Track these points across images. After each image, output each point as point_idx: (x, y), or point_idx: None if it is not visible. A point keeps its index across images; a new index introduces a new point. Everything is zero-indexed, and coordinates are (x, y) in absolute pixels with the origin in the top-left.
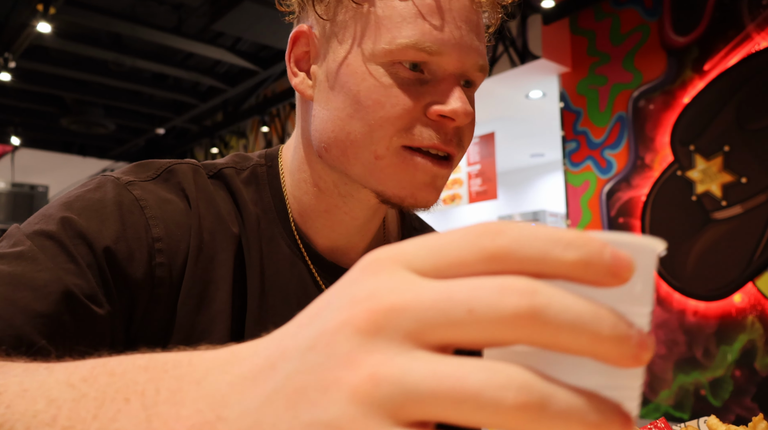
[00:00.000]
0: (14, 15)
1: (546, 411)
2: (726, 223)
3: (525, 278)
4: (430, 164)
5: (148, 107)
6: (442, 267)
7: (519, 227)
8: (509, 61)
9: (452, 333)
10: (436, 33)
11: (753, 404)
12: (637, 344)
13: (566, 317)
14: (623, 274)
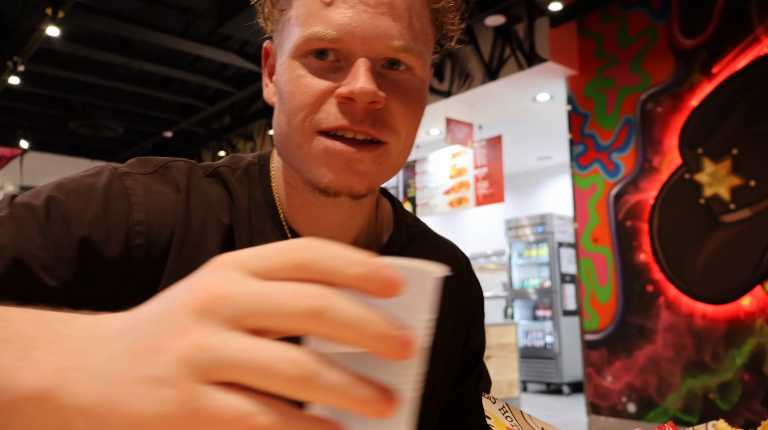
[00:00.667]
0: (23, 19)
1: (314, 382)
2: (734, 226)
3: (318, 286)
4: (341, 146)
5: (156, 110)
6: (264, 271)
7: (323, 246)
8: (516, 64)
9: (261, 321)
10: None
11: (762, 408)
12: (400, 342)
13: (342, 317)
14: (393, 289)
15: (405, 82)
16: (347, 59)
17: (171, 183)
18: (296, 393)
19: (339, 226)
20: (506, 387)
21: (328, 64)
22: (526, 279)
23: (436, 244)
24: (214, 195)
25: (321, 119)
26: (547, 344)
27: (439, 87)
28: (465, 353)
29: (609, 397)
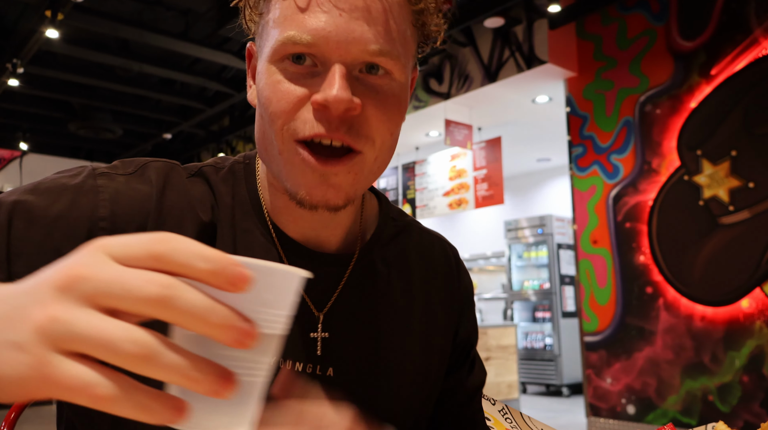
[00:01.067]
0: (23, 21)
1: (153, 360)
2: (733, 228)
3: (168, 276)
4: (315, 162)
5: (156, 112)
6: (126, 258)
7: (179, 242)
8: (515, 66)
9: (114, 302)
10: (311, 25)
11: (761, 410)
12: (241, 332)
13: (187, 306)
14: (241, 284)
15: (383, 87)
16: (324, 64)
17: (146, 181)
18: (137, 369)
19: (324, 225)
20: (506, 389)
21: (305, 68)
22: (526, 281)
23: (422, 236)
24: (196, 193)
25: (298, 128)
26: (547, 345)
27: (438, 89)
28: (455, 342)
29: (608, 399)
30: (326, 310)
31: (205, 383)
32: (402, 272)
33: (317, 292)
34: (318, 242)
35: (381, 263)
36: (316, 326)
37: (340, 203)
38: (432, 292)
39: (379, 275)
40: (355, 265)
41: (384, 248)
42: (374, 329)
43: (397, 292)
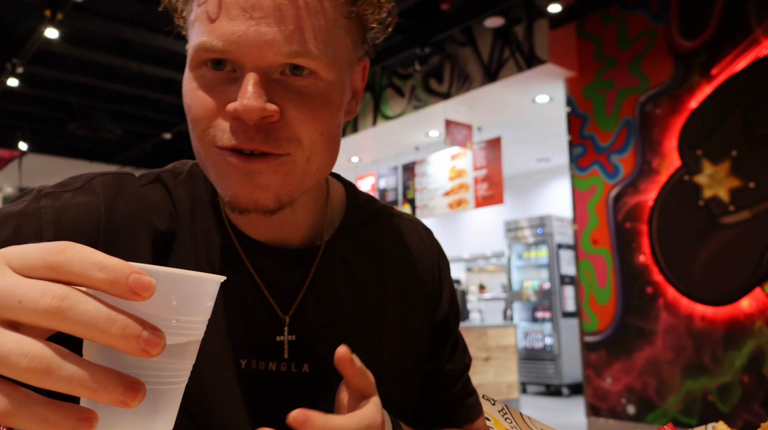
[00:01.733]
0: (22, 21)
1: (51, 374)
2: (733, 228)
3: (64, 286)
4: (236, 160)
5: (155, 112)
6: (23, 268)
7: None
8: (515, 65)
9: (9, 314)
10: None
11: (761, 410)
12: (143, 341)
13: (83, 317)
14: (142, 293)
15: (307, 87)
16: (241, 70)
17: (93, 193)
18: (35, 383)
19: (282, 224)
20: (506, 389)
21: (224, 74)
22: (526, 281)
23: (393, 221)
24: (153, 200)
25: (216, 136)
26: (547, 345)
27: (438, 89)
28: (433, 325)
29: (608, 399)
30: (292, 312)
31: (108, 393)
32: (374, 260)
33: (281, 291)
34: (280, 240)
35: (350, 253)
36: (282, 330)
37: (270, 205)
38: (407, 277)
39: (349, 267)
40: (321, 259)
41: (353, 238)
42: (346, 323)
43: (370, 281)
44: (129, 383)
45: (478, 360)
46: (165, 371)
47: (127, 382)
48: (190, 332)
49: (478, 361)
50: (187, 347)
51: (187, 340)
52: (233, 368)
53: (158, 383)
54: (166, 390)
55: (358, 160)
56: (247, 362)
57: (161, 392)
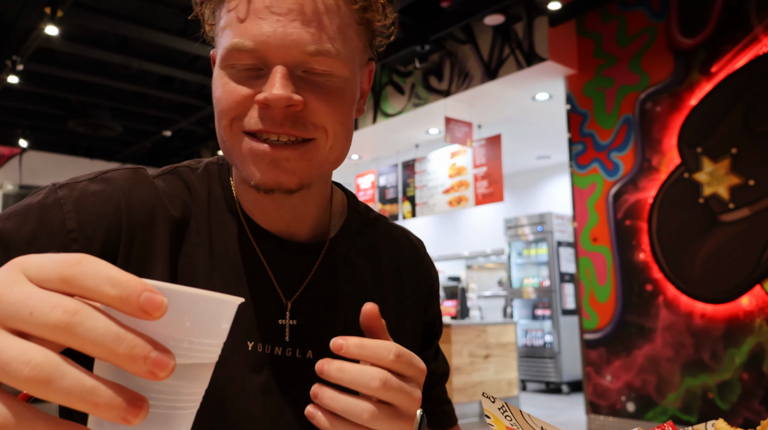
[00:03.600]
0: (22, 18)
1: (52, 385)
2: (733, 225)
3: (76, 301)
4: (266, 147)
5: (155, 110)
6: (39, 278)
7: (91, 265)
8: (515, 63)
9: (19, 325)
10: (251, 31)
11: (761, 407)
12: (151, 363)
13: (91, 334)
14: (153, 312)
15: (326, 83)
16: (267, 67)
17: (108, 182)
18: (35, 393)
19: (293, 216)
20: (505, 386)
21: (251, 72)
22: (526, 278)
23: (389, 230)
24: (168, 189)
25: (245, 122)
26: (547, 343)
27: (438, 86)
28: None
29: (608, 396)
30: (294, 298)
31: (108, 408)
32: (372, 261)
33: (287, 280)
34: (289, 232)
35: (351, 252)
36: (284, 314)
37: (293, 186)
38: (402, 279)
39: (350, 263)
40: (325, 254)
41: (353, 239)
42: (345, 313)
43: (368, 278)
44: (131, 400)
45: (478, 358)
46: (175, 394)
47: (129, 398)
48: (204, 355)
49: (478, 358)
50: (200, 371)
51: (199, 362)
52: (240, 348)
53: (167, 407)
54: (175, 415)
55: (359, 158)
56: (254, 345)
57: (170, 416)
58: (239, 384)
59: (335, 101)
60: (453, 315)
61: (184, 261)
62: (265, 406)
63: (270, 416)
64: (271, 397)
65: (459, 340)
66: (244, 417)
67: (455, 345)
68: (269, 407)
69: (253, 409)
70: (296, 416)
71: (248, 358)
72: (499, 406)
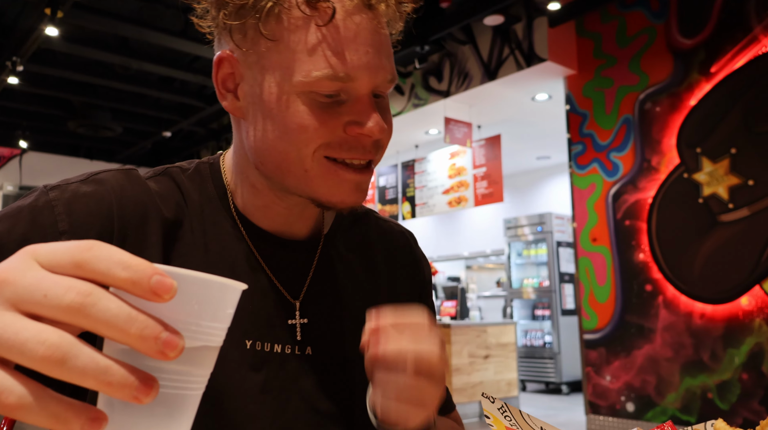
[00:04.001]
0: (22, 19)
1: (66, 364)
2: (733, 225)
3: (88, 283)
4: (352, 174)
5: (155, 110)
6: (52, 264)
7: (102, 250)
8: (515, 63)
9: (34, 308)
10: (345, 63)
11: (760, 407)
12: (162, 343)
13: (104, 315)
14: (163, 294)
15: (383, 104)
16: (350, 95)
17: (100, 183)
18: (50, 372)
19: (298, 217)
20: (505, 386)
21: (333, 99)
22: (525, 278)
23: (379, 223)
24: (160, 190)
25: (333, 150)
26: (546, 343)
27: (437, 87)
28: None
29: (608, 396)
30: (302, 297)
31: (121, 387)
32: (365, 254)
33: (288, 278)
34: (289, 232)
35: (344, 247)
36: (294, 313)
37: (362, 202)
38: (395, 271)
39: (344, 259)
40: (321, 251)
41: (346, 234)
42: (345, 309)
43: (363, 272)
44: (143, 379)
45: (478, 358)
46: (183, 375)
47: (140, 377)
48: (210, 337)
49: (478, 359)
50: (206, 353)
51: (206, 345)
52: (238, 347)
53: (175, 388)
54: (182, 395)
55: None
56: (252, 343)
57: (178, 397)
58: (238, 383)
59: (390, 120)
60: (453, 315)
61: (178, 262)
62: (264, 405)
63: (269, 415)
64: (270, 395)
65: (459, 340)
66: (243, 416)
67: (455, 345)
68: (268, 405)
69: (251, 408)
70: (295, 414)
71: (247, 357)
72: (499, 406)
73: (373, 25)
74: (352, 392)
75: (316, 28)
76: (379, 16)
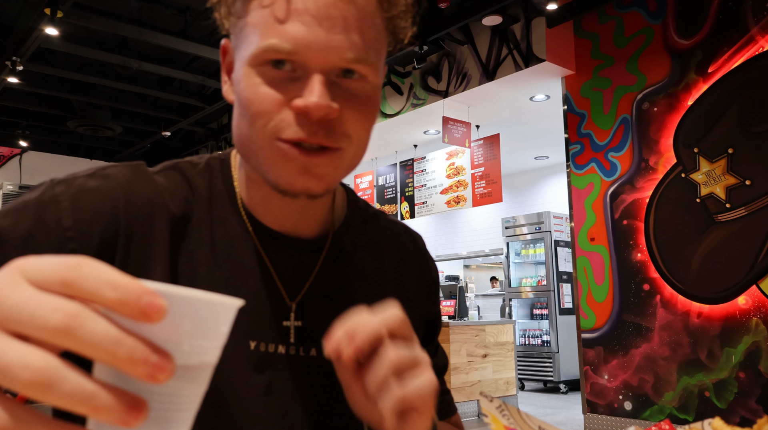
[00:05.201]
0: (22, 19)
1: (53, 388)
2: (730, 225)
3: (76, 304)
4: (297, 153)
5: (155, 110)
6: (39, 281)
7: (91, 268)
8: (513, 64)
9: (20, 328)
10: (292, 34)
11: (757, 406)
12: (151, 366)
13: (91, 338)
14: (153, 315)
15: (358, 90)
16: (303, 70)
17: (106, 180)
18: (36, 396)
19: (300, 215)
20: (503, 385)
21: (284, 73)
22: (524, 278)
23: (389, 225)
24: (169, 185)
25: (280, 128)
26: (544, 342)
27: (436, 87)
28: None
29: (605, 395)
30: (299, 299)
31: (109, 411)
32: (373, 256)
33: (290, 278)
34: (294, 230)
35: (352, 247)
36: (289, 315)
37: (320, 191)
38: (403, 274)
39: (352, 259)
40: (328, 250)
41: (354, 235)
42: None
43: (370, 274)
44: (131, 403)
45: (476, 357)
46: (174, 396)
47: (128, 402)
48: (203, 357)
49: (476, 358)
50: (199, 373)
51: (198, 364)
52: (241, 348)
53: (167, 409)
54: (173, 417)
55: None
56: (256, 344)
57: (170, 418)
58: (241, 385)
59: (365, 109)
60: (451, 315)
61: (185, 259)
62: (268, 406)
63: (272, 417)
64: (273, 397)
65: (457, 339)
66: (246, 418)
67: (453, 344)
68: (271, 407)
69: (255, 410)
70: (299, 416)
71: (250, 358)
72: (497, 405)
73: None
74: None
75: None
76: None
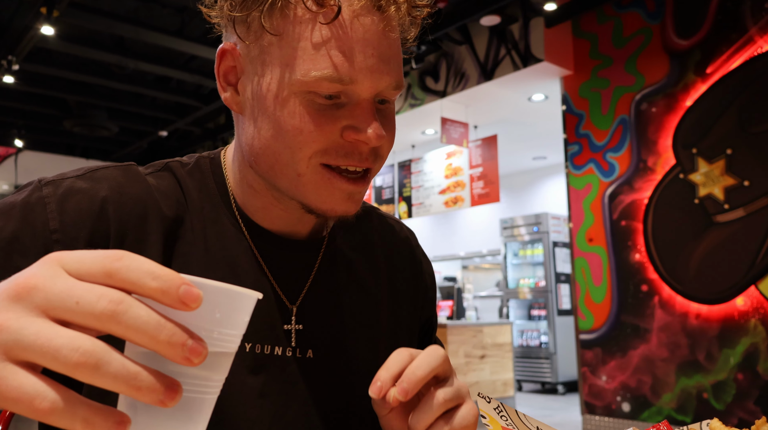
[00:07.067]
0: (18, 18)
1: (99, 370)
2: (728, 226)
3: (119, 292)
4: (346, 183)
5: (151, 110)
6: (80, 272)
7: (132, 260)
8: (512, 64)
9: (65, 315)
10: (348, 65)
11: (756, 408)
12: (188, 349)
13: (136, 322)
14: (190, 303)
15: (387, 111)
16: (350, 98)
17: (96, 182)
18: (82, 377)
19: (298, 219)
20: (501, 386)
21: (332, 101)
22: (521, 279)
23: (382, 221)
24: (162, 187)
25: (329, 156)
26: (542, 343)
27: (434, 87)
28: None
29: (603, 396)
30: (299, 302)
31: (149, 391)
32: (367, 254)
33: (287, 280)
34: (291, 232)
35: (347, 247)
36: (289, 319)
37: (354, 213)
38: (396, 270)
39: (347, 259)
40: (324, 251)
41: (348, 233)
42: (346, 311)
43: (365, 272)
44: (168, 384)
45: (474, 358)
46: (202, 380)
47: (166, 382)
48: (228, 344)
49: (474, 359)
50: (224, 359)
51: (223, 351)
52: (241, 352)
53: (194, 391)
54: (200, 399)
55: None
56: (251, 346)
57: (196, 400)
58: (236, 387)
59: (393, 129)
60: (449, 315)
61: (179, 261)
62: (263, 409)
63: (267, 419)
64: (268, 399)
65: (455, 340)
66: (241, 420)
67: (451, 345)
68: (267, 409)
69: (250, 412)
70: (294, 418)
71: (245, 360)
72: (495, 406)
73: (381, 28)
74: (351, 396)
75: (321, 26)
76: (389, 20)
